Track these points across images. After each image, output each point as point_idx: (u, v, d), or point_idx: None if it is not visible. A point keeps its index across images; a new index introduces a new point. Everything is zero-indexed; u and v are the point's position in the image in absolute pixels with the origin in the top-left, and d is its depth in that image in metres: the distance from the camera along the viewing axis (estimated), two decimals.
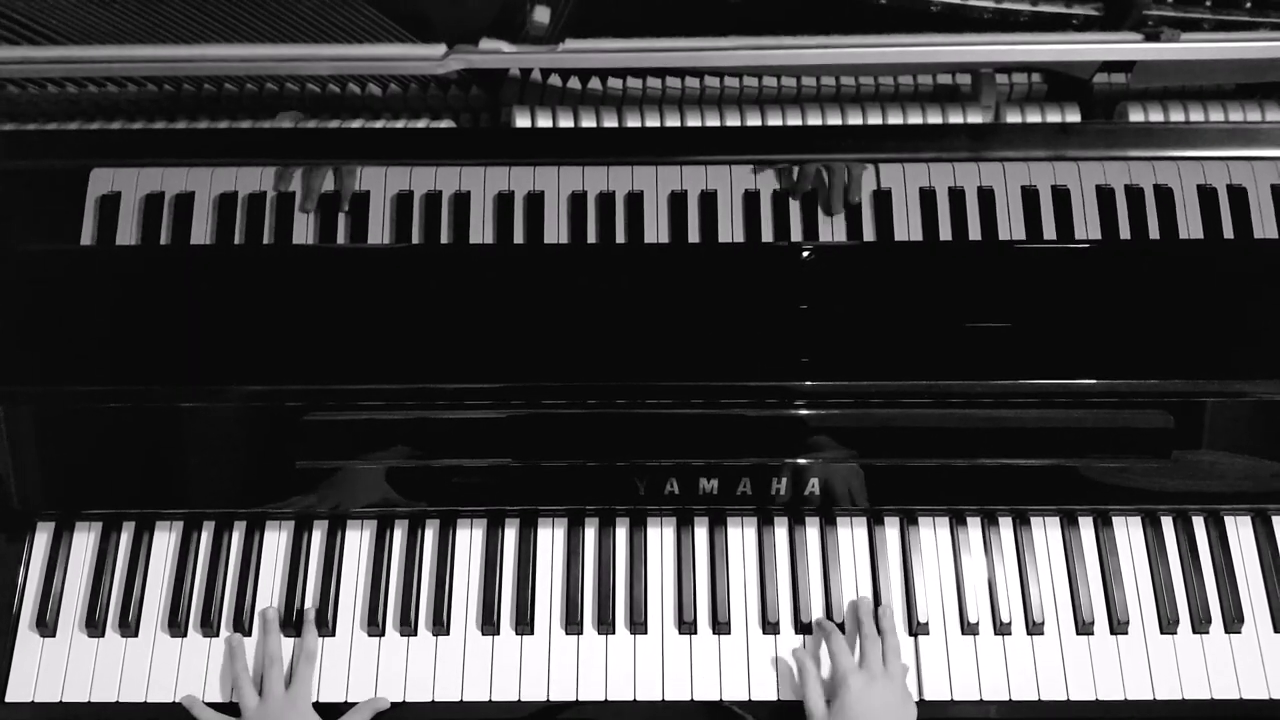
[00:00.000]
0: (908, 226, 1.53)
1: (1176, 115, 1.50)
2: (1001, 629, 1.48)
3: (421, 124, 1.55)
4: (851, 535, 1.53)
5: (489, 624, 1.48)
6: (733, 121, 1.53)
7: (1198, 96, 1.52)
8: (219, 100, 1.52)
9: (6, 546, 1.53)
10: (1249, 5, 1.39)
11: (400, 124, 1.55)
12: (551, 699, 1.46)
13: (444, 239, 1.54)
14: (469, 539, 1.53)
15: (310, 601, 1.50)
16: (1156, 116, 1.50)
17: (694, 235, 1.53)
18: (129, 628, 1.49)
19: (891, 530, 1.53)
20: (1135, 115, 1.50)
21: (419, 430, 1.49)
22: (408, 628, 1.48)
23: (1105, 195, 1.54)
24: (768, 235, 1.53)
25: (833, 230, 1.54)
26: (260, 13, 1.37)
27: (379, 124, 1.55)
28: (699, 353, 1.48)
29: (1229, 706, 1.45)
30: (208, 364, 1.49)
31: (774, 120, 1.52)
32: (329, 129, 1.52)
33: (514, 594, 1.50)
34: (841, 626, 1.48)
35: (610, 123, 1.53)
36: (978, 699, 1.45)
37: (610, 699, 1.46)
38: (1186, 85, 1.55)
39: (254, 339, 1.49)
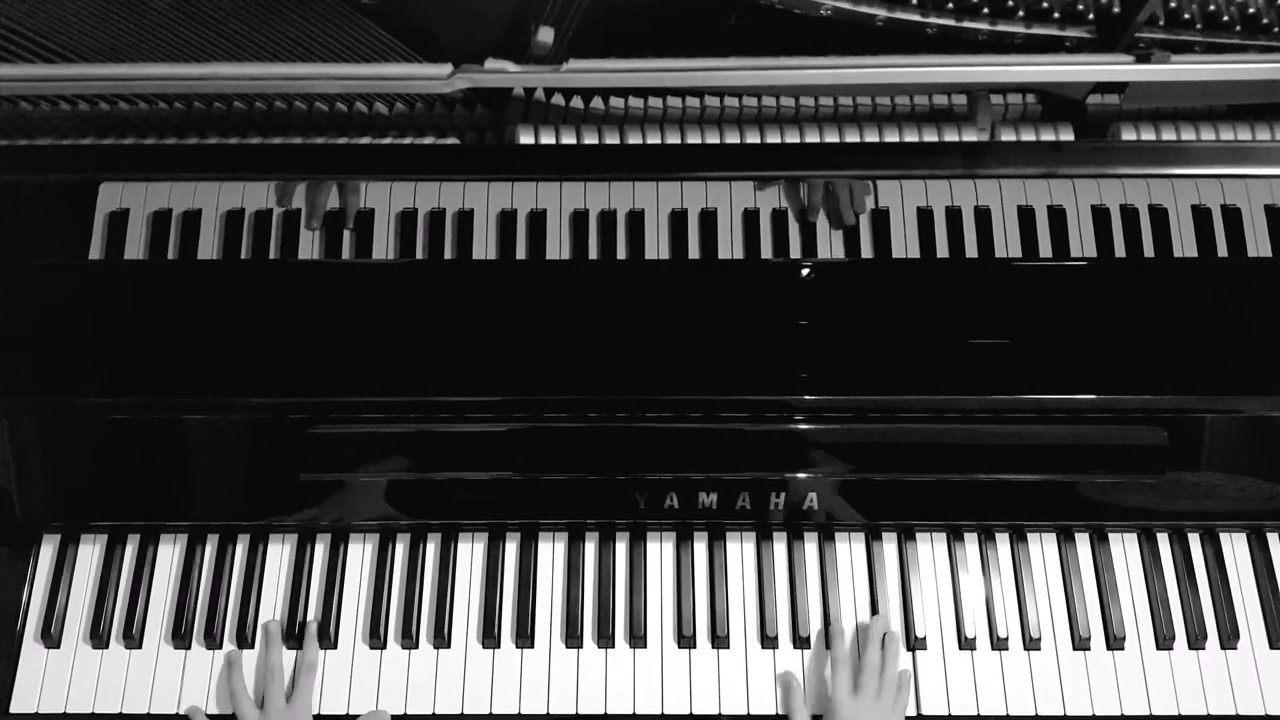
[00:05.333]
0: (905, 244, 1.55)
1: (1169, 135, 1.52)
2: (998, 644, 1.49)
3: (427, 142, 1.57)
4: (850, 550, 1.54)
5: (490, 637, 1.49)
6: (733, 140, 1.55)
7: (1190, 118, 1.54)
8: (228, 118, 1.54)
9: (11, 559, 1.53)
10: (1239, 29, 1.41)
11: (406, 142, 1.57)
12: (551, 712, 1.46)
13: (448, 255, 1.55)
14: (470, 552, 1.54)
15: (313, 614, 1.51)
16: (1149, 136, 1.52)
17: (694, 252, 1.55)
18: (133, 639, 1.49)
19: (889, 545, 1.54)
20: (1128, 135, 1.52)
21: (422, 443, 1.50)
22: (409, 640, 1.49)
23: (1100, 214, 1.55)
24: (767, 252, 1.55)
25: (831, 248, 1.55)
26: (269, 32, 1.39)
27: (385, 142, 1.57)
28: (699, 367, 1.49)
29: None
30: (213, 377, 1.50)
31: (773, 139, 1.54)
32: (335, 144, 1.54)
33: (514, 607, 1.51)
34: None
35: (612, 141, 1.55)
36: (975, 714, 1.46)
37: (610, 712, 1.46)
38: (1179, 106, 1.56)
39: (259, 353, 1.51)
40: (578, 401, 1.49)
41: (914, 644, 1.49)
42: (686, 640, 1.49)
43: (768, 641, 1.49)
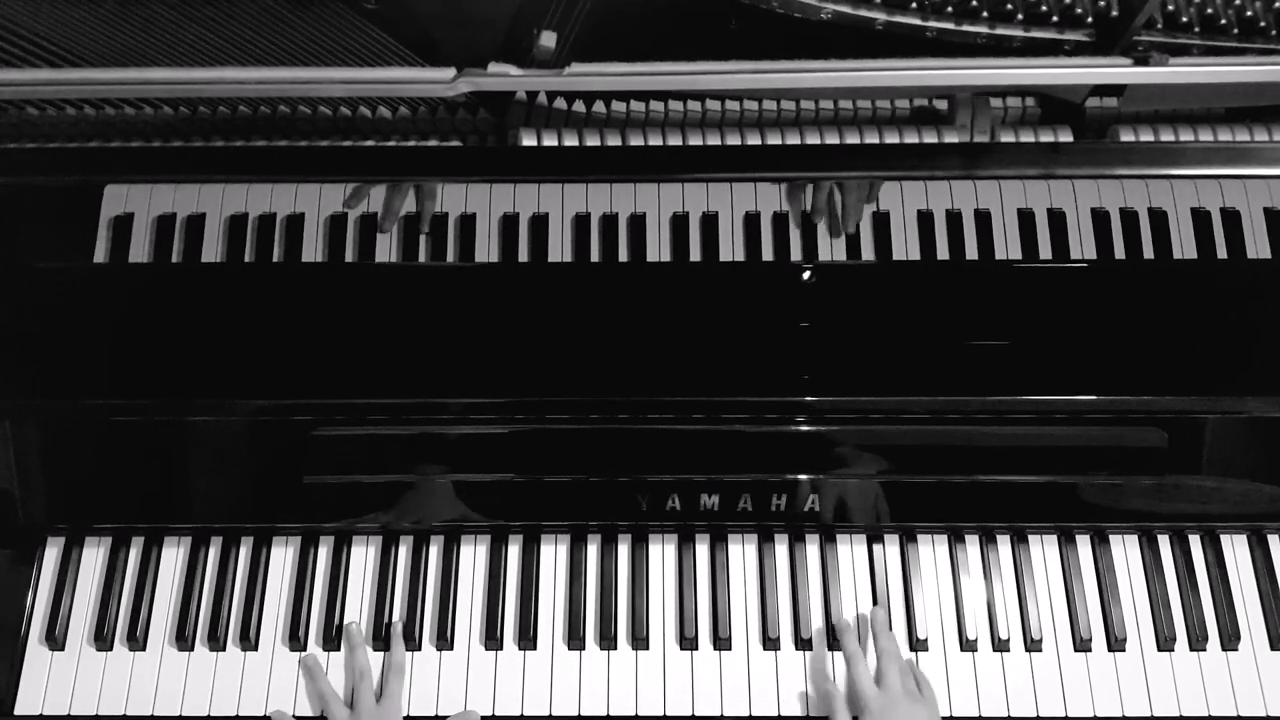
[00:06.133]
0: (905, 247, 1.56)
1: (1167, 137, 1.53)
2: (1000, 646, 1.49)
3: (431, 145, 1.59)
4: (851, 552, 1.54)
5: (493, 639, 1.49)
6: (734, 143, 1.56)
7: (1188, 120, 1.55)
8: (233, 122, 1.55)
9: (15, 562, 1.54)
10: (1236, 31, 1.42)
11: (410, 145, 1.58)
12: (554, 714, 1.46)
13: (450, 258, 1.56)
14: (473, 554, 1.54)
15: (316, 616, 1.51)
16: (1147, 139, 1.53)
17: (696, 254, 1.55)
18: (137, 642, 1.50)
19: (891, 547, 1.54)
20: (1126, 138, 1.53)
21: (424, 445, 1.51)
22: (412, 643, 1.49)
23: (1100, 217, 1.56)
24: (768, 254, 1.56)
25: (832, 250, 1.56)
26: (273, 36, 1.40)
27: (389, 145, 1.58)
28: (700, 369, 1.50)
29: None
30: (217, 380, 1.51)
31: (774, 143, 1.55)
32: (339, 147, 1.55)
33: (517, 610, 1.51)
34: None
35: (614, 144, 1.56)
36: (976, 715, 1.46)
37: (612, 714, 1.46)
38: (1177, 109, 1.57)
39: (263, 355, 1.51)
40: (580, 403, 1.50)
41: (916, 645, 1.49)
42: (689, 642, 1.49)
43: (770, 643, 1.49)
